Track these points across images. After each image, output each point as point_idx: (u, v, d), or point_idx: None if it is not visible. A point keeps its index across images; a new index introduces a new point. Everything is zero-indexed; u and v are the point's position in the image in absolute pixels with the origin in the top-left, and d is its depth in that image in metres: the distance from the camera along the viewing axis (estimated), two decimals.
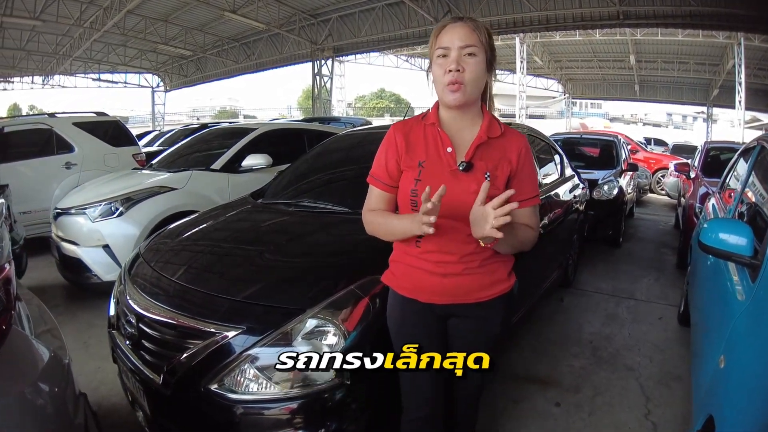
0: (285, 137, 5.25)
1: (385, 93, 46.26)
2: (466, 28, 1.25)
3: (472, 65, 1.24)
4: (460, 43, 1.24)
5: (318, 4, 15.97)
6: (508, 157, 1.31)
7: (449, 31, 1.26)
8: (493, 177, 1.28)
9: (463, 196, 1.25)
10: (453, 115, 1.34)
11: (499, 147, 1.32)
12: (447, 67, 1.25)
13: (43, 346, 1.38)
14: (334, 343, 1.48)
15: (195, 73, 24.14)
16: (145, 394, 1.68)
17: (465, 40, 1.24)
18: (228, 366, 1.47)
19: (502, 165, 1.31)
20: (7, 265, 1.34)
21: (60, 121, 5.85)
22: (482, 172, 1.28)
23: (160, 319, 1.68)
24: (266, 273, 1.81)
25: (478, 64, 1.25)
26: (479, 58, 1.25)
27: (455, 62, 1.24)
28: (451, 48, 1.25)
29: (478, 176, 1.28)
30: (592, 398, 2.52)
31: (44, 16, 14.85)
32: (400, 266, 1.42)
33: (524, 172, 1.34)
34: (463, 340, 1.44)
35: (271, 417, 1.45)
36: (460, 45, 1.24)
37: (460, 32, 1.25)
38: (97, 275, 3.67)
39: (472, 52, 1.24)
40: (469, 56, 1.24)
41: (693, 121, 38.59)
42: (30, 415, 1.14)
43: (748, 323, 1.43)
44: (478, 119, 1.34)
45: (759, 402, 1.16)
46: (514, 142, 1.34)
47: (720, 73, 20.16)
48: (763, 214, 2.00)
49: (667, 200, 10.17)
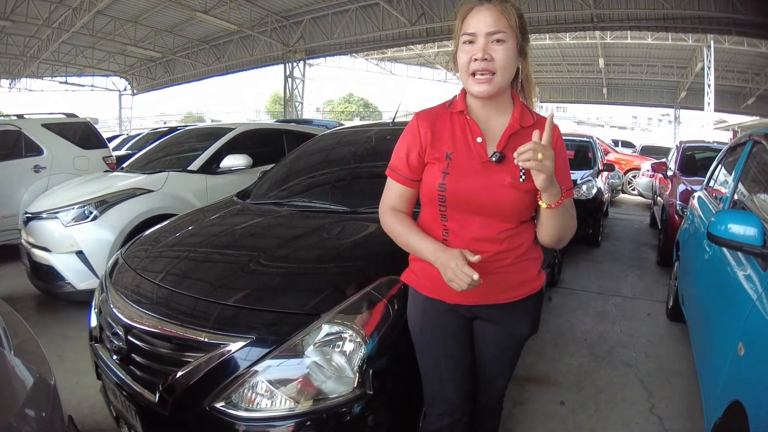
0: (263, 138, 5.10)
1: (354, 97, 46.18)
2: (493, 11, 1.14)
3: (501, 53, 1.14)
4: (488, 29, 1.13)
5: (290, 5, 15.78)
6: None
7: (475, 14, 1.15)
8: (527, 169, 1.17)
9: (495, 190, 1.17)
10: (482, 103, 1.23)
11: (532, 136, 1.20)
12: (473, 55, 1.15)
13: (24, 366, 1.22)
14: (351, 350, 1.35)
15: (163, 75, 23.56)
16: (138, 414, 1.50)
17: (493, 25, 1.13)
18: (236, 380, 1.32)
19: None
20: None
21: (29, 122, 5.55)
22: (515, 164, 1.15)
23: (154, 330, 1.50)
24: (271, 277, 1.66)
25: (507, 51, 1.14)
26: (509, 44, 1.15)
27: (482, 50, 1.13)
28: (477, 34, 1.14)
29: (512, 168, 1.16)
30: (595, 395, 2.49)
31: (13, 16, 14.38)
32: (422, 265, 1.31)
33: (559, 162, 1.19)
34: (491, 342, 1.35)
35: None
36: (488, 31, 1.13)
37: (487, 17, 1.14)
38: (71, 283, 3.44)
39: (500, 38, 1.14)
40: (498, 43, 1.14)
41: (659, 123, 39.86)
42: None
43: (766, 311, 1.42)
44: (508, 107, 1.24)
45: None
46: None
47: (688, 75, 20.85)
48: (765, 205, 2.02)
49: (640, 200, 10.43)
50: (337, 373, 1.33)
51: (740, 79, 20.78)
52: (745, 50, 17.03)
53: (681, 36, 16.14)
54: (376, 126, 3.02)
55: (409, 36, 15.91)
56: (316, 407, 1.30)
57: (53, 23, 15.05)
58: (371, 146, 2.74)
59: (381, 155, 2.69)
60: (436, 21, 14.19)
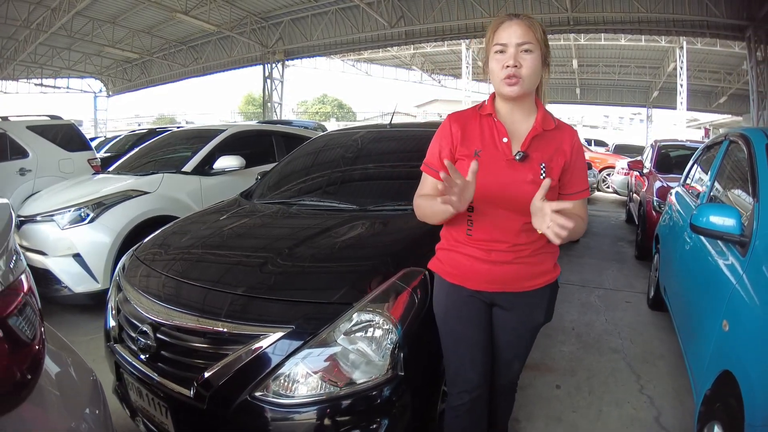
0: (253, 139, 5.14)
1: (328, 98, 46.15)
2: (522, 25, 1.29)
3: (529, 61, 1.29)
4: (518, 40, 1.28)
5: (270, 6, 15.72)
6: (563, 150, 1.36)
7: (506, 28, 1.30)
8: (548, 168, 1.32)
9: (518, 186, 1.30)
10: (509, 107, 1.37)
11: (553, 139, 1.36)
12: (505, 62, 1.29)
13: (72, 368, 1.20)
14: (381, 336, 1.46)
15: (140, 77, 23.11)
16: (170, 411, 1.55)
17: (522, 37, 1.28)
18: (276, 369, 1.41)
19: (557, 157, 1.35)
20: (23, 277, 1.02)
21: (13, 124, 5.49)
22: (537, 163, 1.32)
23: (186, 326, 1.56)
24: (301, 271, 1.74)
25: (534, 60, 1.30)
26: (535, 54, 1.30)
27: (513, 58, 1.28)
28: (508, 45, 1.29)
29: (534, 166, 1.32)
30: (588, 379, 2.65)
31: None
32: (448, 254, 1.45)
33: (577, 165, 1.38)
34: (507, 329, 1.49)
35: (326, 416, 1.39)
36: (518, 42, 1.28)
37: (517, 29, 1.29)
38: (68, 287, 3.42)
39: (528, 48, 1.29)
40: (526, 52, 1.29)
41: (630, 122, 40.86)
42: None
43: (747, 291, 1.60)
44: (532, 112, 1.39)
45: None
46: (567, 134, 1.39)
47: (660, 75, 21.52)
48: (739, 200, 2.20)
49: (615, 197, 10.80)
50: (368, 358, 1.44)
51: (712, 78, 21.56)
52: (717, 50, 17.73)
53: (654, 37, 16.67)
54: (375, 128, 3.13)
55: (388, 38, 16.07)
56: (351, 390, 1.40)
57: (31, 24, 14.72)
58: (372, 147, 2.86)
59: (383, 157, 2.83)
60: (416, 23, 14.38)
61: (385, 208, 2.20)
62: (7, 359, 0.78)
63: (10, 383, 0.78)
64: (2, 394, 0.77)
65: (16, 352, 0.81)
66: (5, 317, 0.79)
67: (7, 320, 0.79)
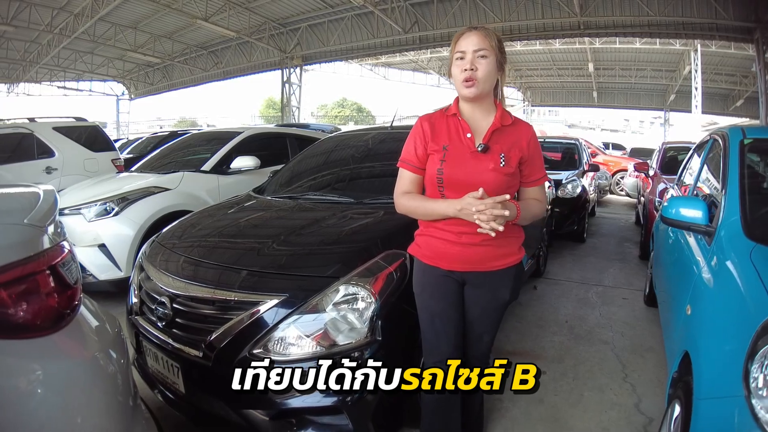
0: (269, 141, 5.42)
1: (347, 102, 46.70)
2: (479, 35, 1.51)
3: (484, 65, 1.50)
4: (474, 47, 1.49)
5: (288, 13, 16.15)
6: (520, 144, 1.57)
7: (466, 38, 1.52)
8: (507, 158, 1.53)
9: (481, 174, 1.51)
10: (470, 108, 1.59)
11: (511, 133, 1.58)
12: (463, 67, 1.50)
13: (104, 317, 1.35)
14: (364, 307, 1.70)
15: (161, 81, 23.81)
16: (181, 370, 1.80)
17: (478, 44, 1.49)
18: (272, 330, 1.66)
19: (514, 149, 1.56)
20: (65, 242, 1.27)
21: (40, 125, 5.84)
22: (498, 153, 1.53)
23: (198, 296, 1.83)
24: (298, 250, 2.02)
25: (489, 65, 1.50)
26: (490, 59, 1.51)
27: (470, 63, 1.49)
28: (466, 52, 1.50)
29: (495, 156, 1.52)
30: (575, 366, 2.80)
31: (15, 21, 14.69)
32: (424, 238, 1.65)
33: (534, 156, 1.61)
34: (478, 305, 1.68)
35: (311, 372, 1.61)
36: (474, 49, 1.49)
37: (474, 38, 1.50)
38: (93, 275, 3.71)
39: (484, 54, 1.50)
40: (482, 58, 1.50)
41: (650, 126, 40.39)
42: (101, 379, 1.14)
43: (707, 277, 1.75)
44: (492, 110, 1.60)
45: (721, 332, 1.47)
46: (524, 130, 1.61)
47: (677, 78, 21.36)
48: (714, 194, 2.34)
49: (627, 200, 10.80)
50: (352, 325, 1.69)
51: (728, 81, 21.35)
52: (732, 53, 17.53)
53: (668, 40, 16.60)
54: (376, 130, 3.37)
55: (402, 43, 16.34)
56: (335, 350, 1.66)
57: (54, 29, 15.34)
58: (372, 147, 3.11)
59: (381, 156, 3.06)
60: (429, 29, 14.62)
61: (378, 201, 2.45)
62: (57, 296, 1.04)
63: (58, 313, 1.03)
64: (52, 320, 1.01)
65: (63, 292, 1.06)
66: (56, 264, 1.05)
67: (57, 266, 1.05)
